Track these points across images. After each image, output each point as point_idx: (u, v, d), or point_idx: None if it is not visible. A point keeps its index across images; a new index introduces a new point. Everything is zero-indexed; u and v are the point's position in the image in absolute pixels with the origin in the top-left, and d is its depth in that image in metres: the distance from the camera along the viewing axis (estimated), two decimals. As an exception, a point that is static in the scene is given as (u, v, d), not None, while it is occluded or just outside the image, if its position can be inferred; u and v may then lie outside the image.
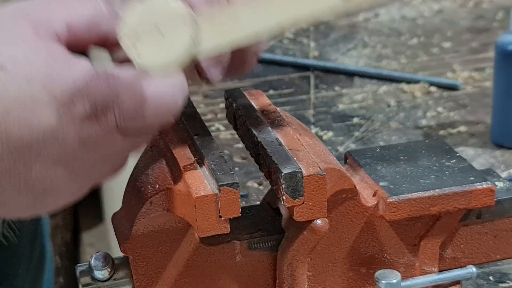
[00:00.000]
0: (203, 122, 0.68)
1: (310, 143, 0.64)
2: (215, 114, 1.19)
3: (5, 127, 0.49)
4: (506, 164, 1.03)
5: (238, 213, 0.59)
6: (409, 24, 1.52)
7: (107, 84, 0.51)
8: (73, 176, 0.53)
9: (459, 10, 1.58)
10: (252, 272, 0.65)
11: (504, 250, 0.70)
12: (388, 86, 1.26)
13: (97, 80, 0.51)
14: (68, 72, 0.51)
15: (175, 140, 0.65)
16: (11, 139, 0.50)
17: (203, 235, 0.59)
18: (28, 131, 0.50)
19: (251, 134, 0.66)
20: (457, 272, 0.66)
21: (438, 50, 1.39)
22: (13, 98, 0.49)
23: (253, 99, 0.70)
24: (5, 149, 0.50)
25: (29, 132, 0.50)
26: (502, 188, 0.69)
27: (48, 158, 0.51)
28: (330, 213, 0.63)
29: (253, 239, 0.64)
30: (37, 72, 0.50)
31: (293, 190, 0.59)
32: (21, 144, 0.50)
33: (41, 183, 0.52)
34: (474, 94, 1.22)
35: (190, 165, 0.61)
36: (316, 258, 0.65)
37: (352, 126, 1.15)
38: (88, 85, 0.51)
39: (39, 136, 0.50)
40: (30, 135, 0.50)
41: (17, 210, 0.54)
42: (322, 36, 1.48)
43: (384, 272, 0.63)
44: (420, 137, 1.10)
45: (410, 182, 0.65)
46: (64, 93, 0.50)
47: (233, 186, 0.58)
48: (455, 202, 0.64)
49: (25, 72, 0.50)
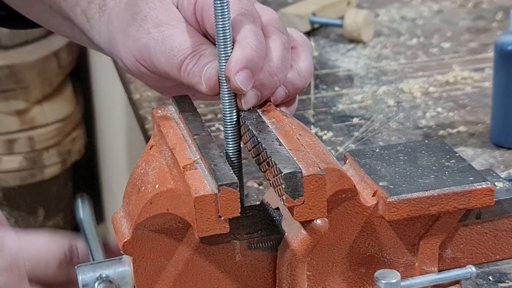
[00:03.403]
0: (203, 122, 0.68)
1: (310, 143, 0.64)
2: (215, 115, 1.19)
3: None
4: (506, 164, 1.03)
5: (237, 213, 0.59)
6: (408, 24, 1.52)
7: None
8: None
9: (459, 10, 1.58)
10: (252, 272, 0.65)
11: (504, 250, 0.70)
12: (387, 86, 1.26)
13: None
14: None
15: (175, 140, 0.65)
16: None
17: (202, 235, 0.59)
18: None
19: (251, 134, 0.66)
20: (457, 272, 0.66)
21: (437, 51, 1.39)
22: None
23: (253, 99, 0.70)
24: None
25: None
26: (502, 188, 0.69)
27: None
28: (330, 213, 0.63)
29: (252, 239, 0.64)
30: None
31: (293, 190, 0.59)
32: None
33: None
34: (474, 94, 1.22)
35: (190, 165, 0.62)
36: (316, 258, 0.65)
37: (351, 126, 1.15)
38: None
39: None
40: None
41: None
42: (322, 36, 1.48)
43: (383, 272, 0.63)
44: (420, 137, 1.11)
45: (410, 182, 0.65)
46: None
47: (232, 186, 0.58)
48: (455, 202, 0.64)
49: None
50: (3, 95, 2.36)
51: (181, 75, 0.71)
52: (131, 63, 0.76)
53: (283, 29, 0.73)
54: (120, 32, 0.76)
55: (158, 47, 0.72)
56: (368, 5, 1.62)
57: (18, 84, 2.36)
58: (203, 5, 0.72)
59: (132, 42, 0.74)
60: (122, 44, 0.76)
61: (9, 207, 2.48)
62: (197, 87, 0.70)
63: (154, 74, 0.75)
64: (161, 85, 0.80)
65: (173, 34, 0.72)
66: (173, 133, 0.67)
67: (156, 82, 0.79)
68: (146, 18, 0.74)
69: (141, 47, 0.74)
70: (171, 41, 0.72)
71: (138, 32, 0.74)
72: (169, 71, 0.72)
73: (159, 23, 0.73)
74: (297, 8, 1.50)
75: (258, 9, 0.74)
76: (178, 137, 0.66)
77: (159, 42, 0.72)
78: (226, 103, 0.68)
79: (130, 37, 0.74)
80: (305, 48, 0.75)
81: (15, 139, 2.40)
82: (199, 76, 0.70)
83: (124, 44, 0.75)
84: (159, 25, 0.73)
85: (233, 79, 0.66)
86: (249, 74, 0.67)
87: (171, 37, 0.72)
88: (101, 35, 0.79)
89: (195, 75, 0.70)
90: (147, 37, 0.73)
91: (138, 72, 0.76)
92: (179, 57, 0.71)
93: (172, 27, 0.73)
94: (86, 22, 0.81)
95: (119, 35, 0.76)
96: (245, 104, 0.68)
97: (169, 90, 0.80)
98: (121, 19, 0.76)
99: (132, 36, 0.74)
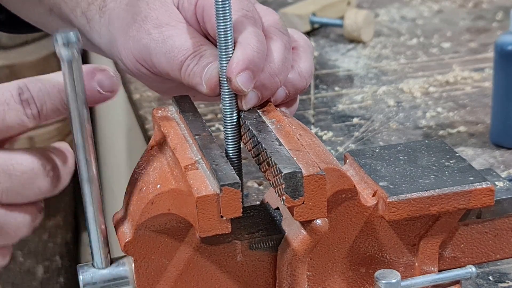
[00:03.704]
0: (204, 122, 0.68)
1: (310, 143, 0.65)
2: (215, 115, 1.19)
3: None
4: (506, 164, 1.03)
5: (239, 213, 0.59)
6: (408, 24, 1.52)
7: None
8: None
9: (459, 10, 1.58)
10: (253, 272, 0.65)
11: (504, 250, 0.70)
12: (387, 86, 1.26)
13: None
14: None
15: (176, 140, 0.65)
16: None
17: (204, 235, 0.59)
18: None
19: (251, 134, 0.66)
20: (457, 272, 0.66)
21: (437, 51, 1.39)
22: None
23: (254, 100, 0.70)
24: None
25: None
26: (502, 188, 0.69)
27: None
28: (330, 213, 0.63)
29: (254, 239, 0.64)
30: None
31: (293, 190, 0.59)
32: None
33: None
34: (474, 94, 1.22)
35: (192, 165, 0.62)
36: (316, 258, 0.65)
37: (352, 126, 1.15)
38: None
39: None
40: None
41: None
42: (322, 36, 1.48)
43: (383, 272, 0.63)
44: (420, 137, 1.11)
45: (410, 182, 0.65)
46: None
47: (234, 186, 0.58)
48: (455, 202, 0.64)
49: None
50: (3, 95, 2.36)
51: (181, 75, 0.72)
52: (131, 63, 0.76)
53: (284, 30, 0.73)
54: (121, 32, 0.76)
55: (158, 48, 0.72)
56: (368, 5, 1.62)
57: (18, 84, 2.36)
58: (204, 6, 0.72)
59: (133, 42, 0.74)
60: (122, 45, 0.76)
61: (9, 207, 2.48)
62: (198, 87, 0.70)
63: (154, 75, 0.75)
64: (161, 86, 0.80)
65: (174, 34, 0.72)
66: (174, 133, 0.67)
67: (157, 83, 0.79)
68: (146, 18, 0.74)
69: (141, 47, 0.74)
70: (171, 41, 0.72)
71: (139, 32, 0.74)
72: (170, 72, 0.73)
73: (159, 23, 0.73)
74: (297, 8, 1.50)
75: (259, 9, 0.74)
76: (179, 137, 0.66)
77: (159, 43, 0.72)
78: (227, 103, 0.68)
79: (130, 37, 0.75)
80: (305, 49, 0.75)
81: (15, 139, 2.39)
82: (199, 77, 0.70)
83: (124, 44, 0.75)
84: (159, 25, 0.73)
85: (235, 80, 0.66)
86: (251, 75, 0.67)
87: (171, 37, 0.72)
88: (101, 37, 0.80)
89: (196, 76, 0.70)
90: (148, 37, 0.73)
91: (139, 73, 0.76)
92: (180, 58, 0.71)
93: (172, 28, 0.73)
94: (86, 23, 0.81)
95: (119, 36, 0.76)
96: (246, 105, 0.68)
97: (169, 91, 0.80)
98: (121, 20, 0.76)
99: (132, 37, 0.74)
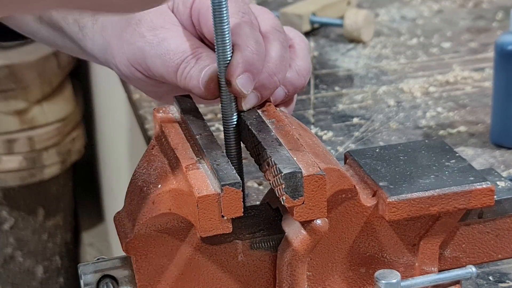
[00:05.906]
0: (205, 122, 0.68)
1: (310, 143, 0.65)
2: (215, 115, 1.19)
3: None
4: (506, 164, 1.03)
5: (240, 212, 0.59)
6: (408, 24, 1.52)
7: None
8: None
9: (459, 10, 1.58)
10: (254, 271, 0.65)
11: (506, 250, 0.70)
12: (387, 86, 1.26)
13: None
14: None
15: (177, 140, 0.65)
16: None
17: (205, 234, 0.59)
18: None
19: (251, 134, 0.66)
20: (457, 272, 0.66)
21: (437, 51, 1.39)
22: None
23: (254, 100, 0.70)
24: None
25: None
26: (504, 188, 0.69)
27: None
28: (329, 213, 0.63)
29: (255, 239, 0.64)
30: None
31: (293, 190, 0.59)
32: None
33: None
34: (474, 94, 1.22)
35: (193, 164, 0.62)
36: (316, 258, 0.65)
37: (352, 126, 1.15)
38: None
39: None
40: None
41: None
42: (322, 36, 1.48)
43: (383, 272, 0.63)
44: (420, 137, 1.11)
45: (410, 182, 0.65)
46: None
47: (235, 186, 0.58)
48: (455, 202, 0.64)
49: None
50: (2, 95, 2.36)
51: (177, 78, 0.71)
52: (126, 68, 0.75)
53: (280, 28, 0.73)
54: (115, 37, 0.75)
55: (153, 51, 0.72)
56: (368, 5, 1.62)
57: (17, 84, 2.36)
58: (199, 9, 0.72)
59: (127, 46, 0.74)
60: (116, 50, 0.75)
61: (9, 207, 2.48)
62: (194, 90, 0.70)
63: (149, 78, 0.75)
64: (156, 90, 0.79)
65: (169, 37, 0.72)
66: (174, 132, 0.67)
67: (152, 87, 0.78)
68: (140, 21, 0.73)
69: (136, 51, 0.73)
70: (166, 44, 0.72)
71: (133, 36, 0.73)
72: (165, 75, 0.72)
73: (153, 26, 0.73)
74: (297, 8, 1.50)
75: (254, 10, 0.74)
76: (180, 137, 0.66)
77: (154, 46, 0.72)
78: (226, 104, 0.68)
79: (124, 41, 0.74)
80: (302, 46, 0.75)
81: (15, 139, 2.40)
82: (196, 80, 0.69)
83: (118, 49, 0.75)
84: (154, 28, 0.73)
85: (235, 83, 0.66)
86: (250, 78, 0.67)
87: (166, 40, 0.72)
88: (94, 43, 0.79)
89: (193, 79, 0.70)
90: (142, 40, 0.73)
91: (133, 78, 0.76)
92: (176, 61, 0.71)
93: (167, 30, 0.72)
94: (79, 31, 0.80)
95: (113, 40, 0.76)
96: (245, 105, 0.68)
97: (165, 96, 0.79)
98: (115, 24, 0.76)
99: (126, 40, 0.74)
